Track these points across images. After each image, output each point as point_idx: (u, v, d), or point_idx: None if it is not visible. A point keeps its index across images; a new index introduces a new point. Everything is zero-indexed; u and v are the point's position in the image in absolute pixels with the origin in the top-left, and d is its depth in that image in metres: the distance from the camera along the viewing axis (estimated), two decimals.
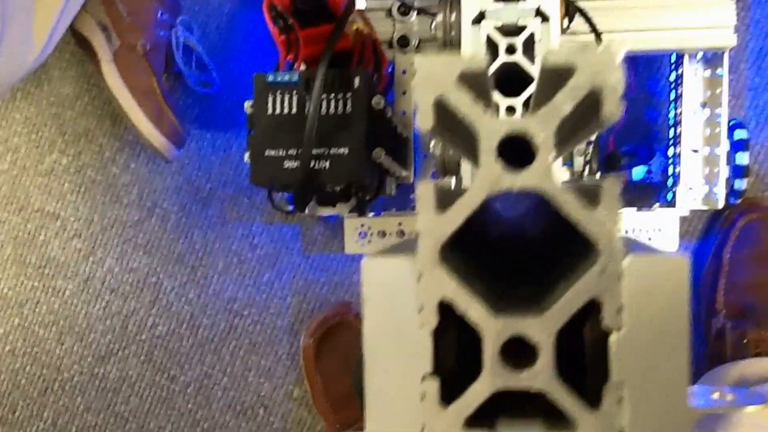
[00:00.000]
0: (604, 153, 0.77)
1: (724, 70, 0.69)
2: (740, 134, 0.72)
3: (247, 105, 0.49)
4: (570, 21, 0.33)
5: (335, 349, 0.78)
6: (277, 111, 0.47)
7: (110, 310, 0.86)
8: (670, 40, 0.67)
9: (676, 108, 0.73)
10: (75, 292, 0.86)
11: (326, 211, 0.63)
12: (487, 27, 0.32)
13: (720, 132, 0.70)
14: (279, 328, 0.84)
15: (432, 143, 0.37)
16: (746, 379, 0.70)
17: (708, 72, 0.71)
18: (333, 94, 0.47)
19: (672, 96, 0.74)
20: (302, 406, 0.83)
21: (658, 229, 0.73)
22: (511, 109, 0.32)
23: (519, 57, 0.32)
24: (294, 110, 0.47)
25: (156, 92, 0.74)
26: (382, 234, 0.69)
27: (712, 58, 0.70)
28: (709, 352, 0.75)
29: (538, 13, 0.32)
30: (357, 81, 0.47)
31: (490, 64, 0.32)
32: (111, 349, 0.86)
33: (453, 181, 0.46)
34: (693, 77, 0.71)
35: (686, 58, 0.70)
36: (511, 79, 0.33)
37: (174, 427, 0.85)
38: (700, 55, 0.70)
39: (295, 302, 0.84)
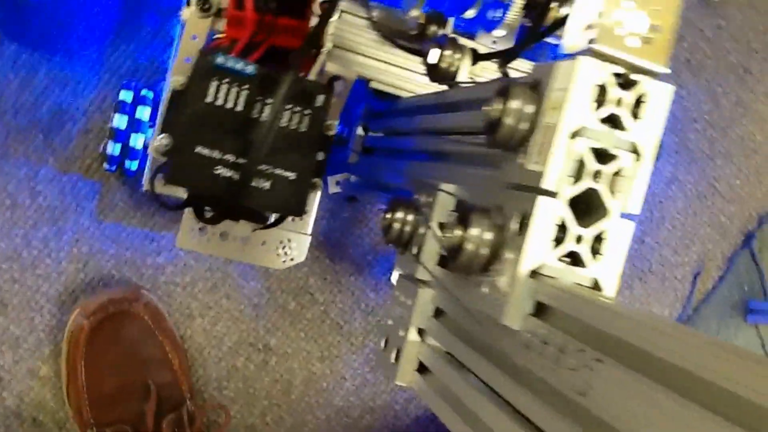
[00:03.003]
0: None
1: None
2: None
3: (177, 80, 0.41)
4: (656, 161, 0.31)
5: (112, 339, 0.68)
6: (219, 102, 0.40)
7: None
8: None
9: None
10: None
11: (229, 226, 0.54)
12: (584, 146, 0.30)
13: None
14: (43, 294, 0.72)
15: None
16: None
17: None
18: (291, 106, 0.40)
19: None
20: (47, 387, 0.72)
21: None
22: (579, 238, 0.30)
23: (603, 188, 0.30)
24: (239, 108, 0.40)
25: None
26: (225, 236, 0.62)
27: None
28: None
29: (634, 148, 0.30)
30: (320, 99, 0.41)
31: (574, 183, 0.30)
32: None
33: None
34: None
35: None
36: (586, 204, 0.30)
37: None
38: None
39: (71, 269, 0.72)
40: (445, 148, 0.46)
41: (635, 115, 0.30)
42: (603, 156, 0.30)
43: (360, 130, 0.69)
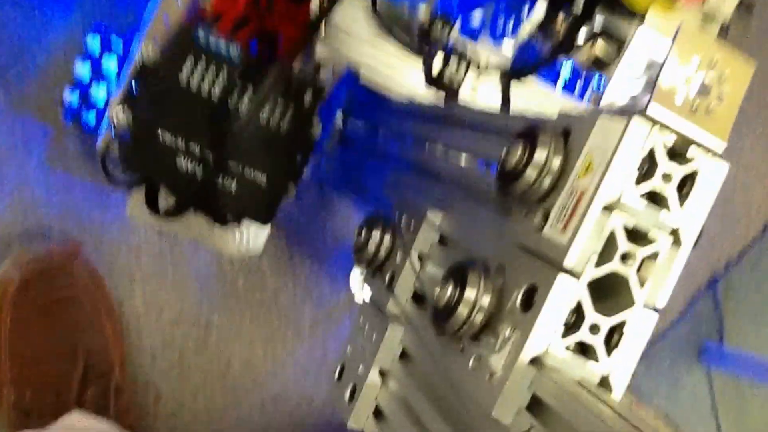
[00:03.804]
0: None
1: None
2: None
3: (148, 50, 0.34)
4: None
5: (43, 296, 0.62)
6: (192, 85, 0.33)
7: None
8: None
9: None
10: None
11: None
12: (617, 222, 0.24)
13: None
14: None
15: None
16: None
17: None
18: (274, 101, 0.34)
19: None
20: None
21: None
22: (595, 328, 0.25)
23: (632, 273, 0.25)
24: (215, 94, 0.34)
25: None
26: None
27: None
28: None
29: (674, 234, 0.25)
30: (309, 96, 0.35)
31: (599, 264, 0.24)
32: None
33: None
34: None
35: None
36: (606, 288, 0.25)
37: None
38: None
39: (8, 215, 0.65)
40: (439, 167, 0.40)
41: (681, 194, 0.25)
42: (634, 234, 0.25)
43: (339, 115, 0.63)
